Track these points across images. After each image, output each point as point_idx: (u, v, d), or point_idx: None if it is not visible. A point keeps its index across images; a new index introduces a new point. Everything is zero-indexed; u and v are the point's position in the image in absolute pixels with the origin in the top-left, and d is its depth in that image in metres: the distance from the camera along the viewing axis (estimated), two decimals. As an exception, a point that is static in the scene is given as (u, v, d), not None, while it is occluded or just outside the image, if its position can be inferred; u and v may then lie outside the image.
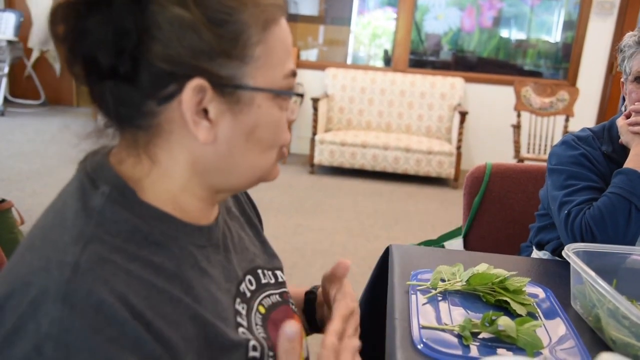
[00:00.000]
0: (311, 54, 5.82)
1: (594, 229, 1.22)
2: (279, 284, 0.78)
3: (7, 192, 3.66)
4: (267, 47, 0.58)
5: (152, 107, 0.56)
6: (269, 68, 0.59)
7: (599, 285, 0.90)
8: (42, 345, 0.47)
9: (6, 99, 6.14)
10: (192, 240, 0.62)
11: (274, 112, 0.61)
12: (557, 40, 5.59)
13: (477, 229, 1.71)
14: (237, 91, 0.57)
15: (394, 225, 3.74)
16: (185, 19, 0.53)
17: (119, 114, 0.57)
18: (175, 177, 0.60)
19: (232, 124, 0.58)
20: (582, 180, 1.31)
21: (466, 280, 1.06)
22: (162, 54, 0.53)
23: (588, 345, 0.91)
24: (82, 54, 0.55)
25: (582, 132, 1.40)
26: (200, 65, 0.55)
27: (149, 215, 0.58)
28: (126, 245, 0.54)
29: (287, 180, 4.58)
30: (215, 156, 0.60)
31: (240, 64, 0.57)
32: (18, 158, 4.54)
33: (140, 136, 0.59)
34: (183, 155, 0.59)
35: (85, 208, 0.56)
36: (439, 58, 5.83)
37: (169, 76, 0.55)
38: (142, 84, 0.55)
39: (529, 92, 4.46)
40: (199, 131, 0.57)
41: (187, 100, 0.55)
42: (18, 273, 0.52)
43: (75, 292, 0.49)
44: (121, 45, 0.53)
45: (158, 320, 0.52)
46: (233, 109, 0.58)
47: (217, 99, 0.57)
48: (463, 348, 0.88)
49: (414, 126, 5.13)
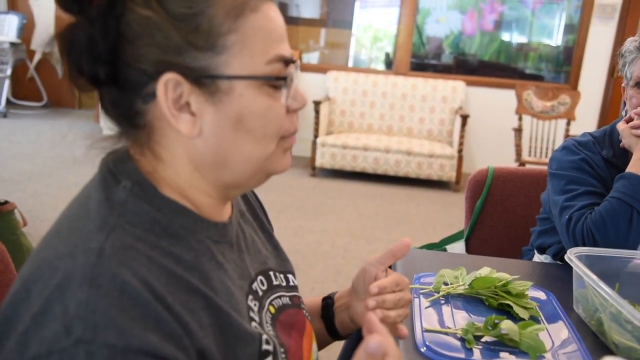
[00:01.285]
0: (313, 56, 5.83)
1: (595, 234, 1.22)
2: (290, 288, 0.79)
3: (10, 193, 3.67)
4: (242, 35, 0.59)
5: (140, 107, 0.59)
6: (246, 56, 0.59)
7: (602, 289, 0.91)
8: (71, 325, 0.48)
9: (9, 101, 6.15)
10: (208, 235, 0.63)
11: (260, 100, 0.60)
12: (558, 43, 5.60)
13: (479, 233, 1.72)
14: (214, 81, 0.58)
15: (395, 227, 3.74)
16: (151, 18, 0.56)
17: (116, 116, 0.61)
18: (180, 173, 0.62)
19: (215, 115, 0.59)
20: (582, 185, 1.31)
21: (469, 284, 1.06)
22: (135, 54, 0.56)
23: (590, 349, 0.92)
24: (73, 64, 0.57)
25: (582, 137, 1.41)
26: (169, 60, 0.57)
27: (167, 209, 0.60)
28: (146, 235, 0.57)
29: (288, 183, 4.58)
30: (207, 149, 0.61)
31: (212, 54, 0.58)
32: (20, 159, 4.55)
33: (140, 135, 0.61)
34: (179, 151, 0.61)
35: (108, 200, 0.58)
36: (440, 61, 5.84)
37: (145, 75, 0.57)
38: (126, 86, 0.58)
39: (530, 95, 4.47)
40: (181, 125, 0.59)
41: (162, 95, 0.57)
42: (45, 258, 0.54)
43: (100, 275, 0.51)
44: (95, 52, 0.56)
45: (177, 304, 0.54)
46: (213, 99, 0.59)
47: (196, 91, 0.58)
48: (466, 351, 0.88)
49: (415, 129, 5.13)
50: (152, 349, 0.50)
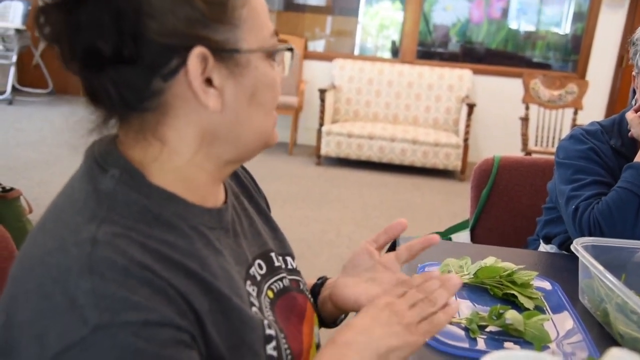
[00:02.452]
0: (318, 44, 5.80)
1: (602, 224, 1.21)
2: (289, 271, 0.78)
3: (15, 180, 3.68)
4: (251, 8, 0.60)
5: (158, 85, 0.57)
6: (256, 29, 0.60)
7: (608, 279, 0.90)
8: (85, 315, 0.48)
9: (14, 88, 6.16)
10: (202, 221, 0.62)
11: (268, 71, 0.62)
12: (566, 32, 5.55)
13: (484, 222, 1.71)
14: (234, 55, 0.59)
15: (400, 216, 3.71)
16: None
17: (124, 100, 0.57)
18: (184, 154, 0.61)
19: (235, 89, 0.60)
20: (589, 174, 1.30)
21: (474, 274, 1.06)
22: (160, 29, 0.54)
23: (596, 339, 0.91)
24: (81, 48, 0.55)
25: (590, 126, 1.39)
26: (197, 33, 0.56)
27: (158, 197, 0.59)
28: (138, 225, 0.56)
29: (293, 171, 4.58)
30: (223, 124, 0.61)
31: (232, 28, 0.58)
32: (26, 147, 4.57)
33: (148, 119, 0.59)
34: (191, 130, 0.60)
35: (96, 190, 0.57)
36: (447, 49, 5.80)
37: (170, 50, 0.56)
38: (145, 63, 0.55)
39: (537, 84, 4.43)
40: (209, 99, 0.58)
41: (193, 69, 0.56)
42: (33, 255, 0.54)
43: (98, 263, 0.51)
44: (120, 28, 0.53)
45: (179, 285, 0.54)
46: (234, 73, 0.59)
47: (219, 65, 0.58)
48: (470, 341, 0.88)
49: (421, 118, 5.11)
50: (170, 320, 0.51)
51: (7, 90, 5.97)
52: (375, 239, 0.83)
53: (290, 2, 5.94)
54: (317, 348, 0.77)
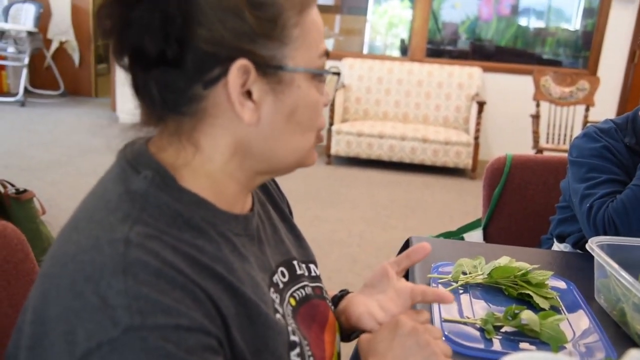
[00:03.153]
0: (327, 43, 5.78)
1: (617, 223, 1.20)
2: (312, 278, 0.78)
3: (28, 181, 3.72)
4: (304, 28, 0.60)
5: (198, 92, 0.58)
6: (305, 49, 0.61)
7: (624, 279, 0.89)
8: (116, 315, 0.48)
9: (26, 90, 6.21)
10: (229, 228, 0.63)
11: (312, 93, 0.62)
12: (576, 28, 5.51)
13: (497, 221, 1.70)
14: (278, 72, 0.59)
15: (411, 215, 3.73)
16: (228, 2, 0.55)
17: (165, 101, 0.58)
18: (216, 161, 0.61)
19: (274, 105, 0.60)
20: (603, 173, 1.29)
21: (488, 273, 1.05)
22: (207, 37, 0.55)
23: (612, 339, 0.90)
24: (129, 44, 0.56)
25: (604, 124, 1.38)
26: (243, 46, 0.56)
27: (188, 201, 0.60)
28: (169, 229, 0.56)
29: (303, 171, 4.53)
30: (257, 138, 0.61)
31: (280, 45, 0.59)
32: (38, 148, 4.60)
33: (185, 123, 0.60)
34: (225, 139, 0.60)
35: (129, 191, 0.58)
36: (456, 47, 5.78)
37: (214, 59, 0.56)
38: (188, 69, 0.56)
39: (548, 81, 4.40)
40: (245, 112, 0.58)
41: (233, 81, 0.57)
42: (66, 253, 0.54)
43: (132, 264, 0.51)
44: (167, 31, 0.54)
45: (208, 289, 0.55)
46: (275, 89, 0.59)
47: (260, 79, 0.58)
48: (485, 342, 0.88)
49: (431, 116, 5.09)
50: (199, 325, 0.51)
51: (20, 92, 6.03)
52: (397, 261, 0.82)
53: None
54: (338, 357, 0.77)
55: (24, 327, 0.54)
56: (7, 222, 0.94)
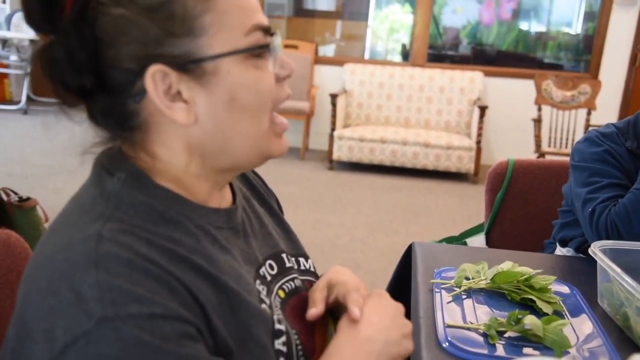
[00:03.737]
0: (329, 49, 5.81)
1: (619, 227, 1.20)
2: (302, 271, 0.79)
3: (31, 188, 3.72)
4: (217, 12, 0.58)
5: (132, 107, 0.59)
6: (225, 32, 0.59)
7: (627, 283, 0.89)
8: (89, 308, 0.49)
9: (29, 98, 6.23)
10: (208, 221, 0.63)
11: (249, 73, 0.60)
12: (577, 31, 5.51)
13: (499, 226, 1.70)
14: (199, 65, 0.58)
15: (414, 220, 3.73)
16: (124, 15, 0.55)
17: (109, 124, 0.61)
18: (177, 165, 0.62)
19: (208, 98, 0.59)
20: (605, 177, 1.29)
21: (491, 279, 1.05)
22: (116, 56, 0.56)
23: (616, 344, 0.90)
24: (56, 83, 0.58)
25: (606, 129, 1.38)
26: (151, 53, 0.57)
27: (163, 197, 0.60)
28: (144, 224, 0.57)
29: (305, 176, 4.58)
30: (205, 135, 0.61)
31: (192, 39, 0.57)
32: (41, 155, 4.61)
33: (135, 136, 0.61)
34: (178, 143, 0.61)
35: (103, 193, 0.59)
36: (457, 52, 5.79)
37: (131, 73, 0.57)
38: (115, 89, 0.58)
39: (549, 85, 4.41)
40: (176, 114, 0.59)
41: (152, 89, 0.57)
42: (44, 253, 0.56)
43: (104, 257, 0.52)
44: (76, 64, 0.56)
45: (184, 279, 0.55)
46: (202, 83, 0.58)
47: (184, 78, 0.58)
48: (489, 347, 0.88)
49: (433, 121, 5.10)
50: (174, 313, 0.52)
51: (22, 100, 6.05)
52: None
53: (300, 7, 5.96)
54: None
55: (9, 331, 0.55)
56: (10, 230, 0.95)
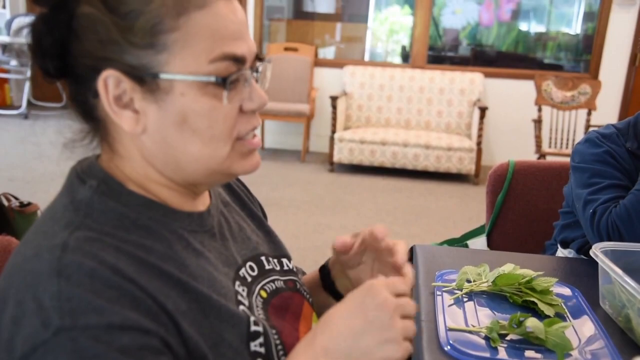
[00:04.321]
0: (328, 51, 5.82)
1: (620, 228, 1.20)
2: (285, 272, 0.78)
3: (32, 193, 3.73)
4: (184, 33, 0.57)
5: (92, 101, 0.60)
6: (188, 54, 0.57)
7: (629, 284, 0.89)
8: (48, 317, 0.49)
9: (29, 102, 6.23)
10: (182, 225, 0.64)
11: (203, 100, 0.59)
12: (577, 32, 5.51)
13: (500, 227, 1.70)
14: (155, 80, 0.58)
15: (415, 222, 3.72)
16: (93, 14, 0.57)
17: (77, 111, 0.62)
18: (136, 167, 0.63)
19: (158, 113, 0.59)
20: (606, 178, 1.29)
21: (492, 281, 1.05)
22: (80, 49, 0.58)
23: (618, 345, 0.90)
24: (38, 64, 0.60)
25: (606, 129, 1.38)
26: (109, 56, 0.57)
27: (135, 203, 0.61)
28: (115, 231, 0.57)
29: (306, 179, 4.58)
30: (154, 146, 0.61)
31: (152, 52, 0.57)
32: (42, 160, 4.62)
33: (100, 129, 0.63)
34: (131, 145, 0.62)
35: (73, 201, 0.59)
36: (457, 53, 5.79)
37: (91, 70, 0.58)
38: (79, 80, 0.60)
39: (549, 86, 4.41)
40: (123, 121, 0.59)
41: (102, 91, 0.58)
42: (14, 264, 0.56)
43: (67, 266, 0.52)
44: (43, 47, 0.58)
45: (150, 287, 0.55)
46: (155, 97, 0.59)
47: (138, 88, 0.58)
48: (491, 350, 0.87)
49: (433, 122, 5.10)
50: (134, 324, 0.52)
51: (23, 105, 6.05)
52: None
53: (299, 10, 5.97)
54: None
55: None
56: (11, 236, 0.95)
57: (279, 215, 3.67)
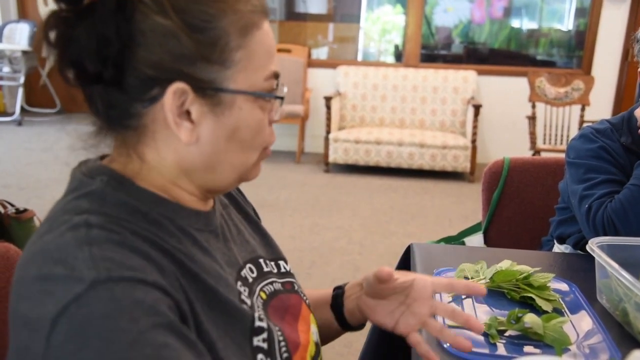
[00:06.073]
0: (321, 52, 5.82)
1: (616, 223, 1.21)
2: (282, 274, 0.80)
3: (27, 200, 3.72)
4: (248, 51, 0.61)
5: (138, 109, 0.60)
6: (249, 71, 0.61)
7: (625, 279, 0.90)
8: (82, 276, 0.49)
9: (23, 109, 6.21)
10: (189, 223, 0.64)
11: (255, 113, 0.63)
12: (569, 28, 5.53)
13: (497, 224, 1.71)
14: (218, 94, 0.60)
15: (411, 221, 3.73)
16: (167, 26, 0.56)
17: (108, 116, 0.61)
18: (165, 173, 0.63)
19: (214, 125, 0.61)
20: (601, 173, 1.30)
21: (490, 278, 1.06)
22: (146, 59, 0.57)
23: (616, 339, 0.91)
24: (70, 60, 0.58)
25: (600, 125, 1.39)
26: (181, 69, 0.58)
27: (146, 199, 0.61)
28: (129, 217, 0.58)
29: (302, 180, 4.58)
30: (199, 156, 0.62)
31: (220, 68, 0.59)
32: (36, 166, 4.60)
33: (129, 136, 0.62)
34: (169, 154, 0.62)
35: (86, 193, 0.59)
36: (450, 51, 5.80)
37: (152, 80, 0.58)
38: (128, 88, 0.58)
39: (543, 82, 4.42)
40: (181, 132, 0.60)
41: (169, 103, 0.58)
42: (32, 253, 0.55)
43: (95, 238, 0.53)
44: (104, 53, 0.56)
45: (168, 268, 0.56)
46: (214, 110, 0.60)
47: (199, 101, 0.59)
48: (490, 346, 0.88)
49: (427, 121, 5.11)
50: (164, 286, 0.53)
51: (16, 112, 6.04)
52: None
53: (291, 11, 5.97)
54: (315, 346, 0.77)
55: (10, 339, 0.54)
56: (9, 243, 0.94)
57: (275, 217, 3.67)
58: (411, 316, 0.80)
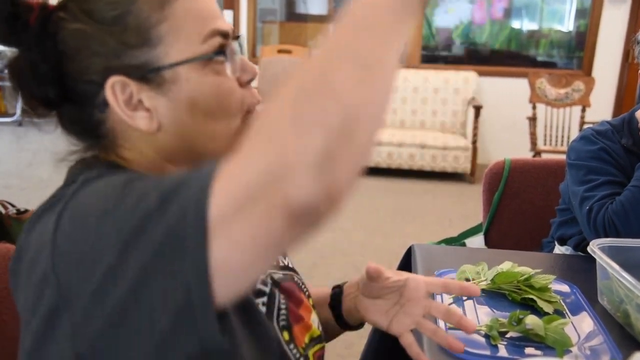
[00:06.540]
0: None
1: (617, 224, 1.21)
2: (281, 267, 0.80)
3: (28, 200, 3.71)
4: (172, 21, 0.59)
5: (97, 117, 0.60)
6: (182, 40, 0.59)
7: (626, 280, 0.90)
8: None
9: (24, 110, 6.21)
10: None
11: (208, 79, 0.60)
12: (570, 29, 5.53)
13: (497, 225, 1.71)
14: (158, 74, 0.59)
15: (412, 222, 3.73)
16: (83, 30, 0.57)
17: (77, 132, 0.62)
18: (153, 167, 0.63)
19: (169, 105, 0.60)
20: (602, 174, 1.30)
21: (491, 279, 1.06)
22: (78, 68, 0.58)
23: (617, 341, 0.91)
24: (25, 92, 0.59)
25: (601, 126, 1.39)
26: (111, 65, 0.58)
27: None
28: None
29: (303, 181, 4.58)
30: (171, 140, 0.61)
31: (148, 49, 0.58)
32: (37, 167, 4.60)
33: (106, 145, 0.63)
34: (145, 148, 0.62)
35: (87, 179, 0.56)
36: (451, 52, 5.80)
37: (94, 85, 0.58)
38: (79, 100, 0.59)
39: (543, 83, 4.42)
40: (138, 123, 0.60)
41: (112, 99, 0.58)
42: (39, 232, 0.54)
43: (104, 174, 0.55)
44: (39, 75, 0.57)
45: None
46: (162, 90, 0.59)
47: (144, 87, 0.59)
48: (491, 348, 0.88)
49: (428, 122, 5.11)
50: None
51: (17, 112, 6.03)
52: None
53: (292, 12, 5.98)
54: (319, 338, 0.77)
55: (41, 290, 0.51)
56: (10, 244, 0.95)
57: (276, 218, 3.67)
58: (405, 316, 0.80)
